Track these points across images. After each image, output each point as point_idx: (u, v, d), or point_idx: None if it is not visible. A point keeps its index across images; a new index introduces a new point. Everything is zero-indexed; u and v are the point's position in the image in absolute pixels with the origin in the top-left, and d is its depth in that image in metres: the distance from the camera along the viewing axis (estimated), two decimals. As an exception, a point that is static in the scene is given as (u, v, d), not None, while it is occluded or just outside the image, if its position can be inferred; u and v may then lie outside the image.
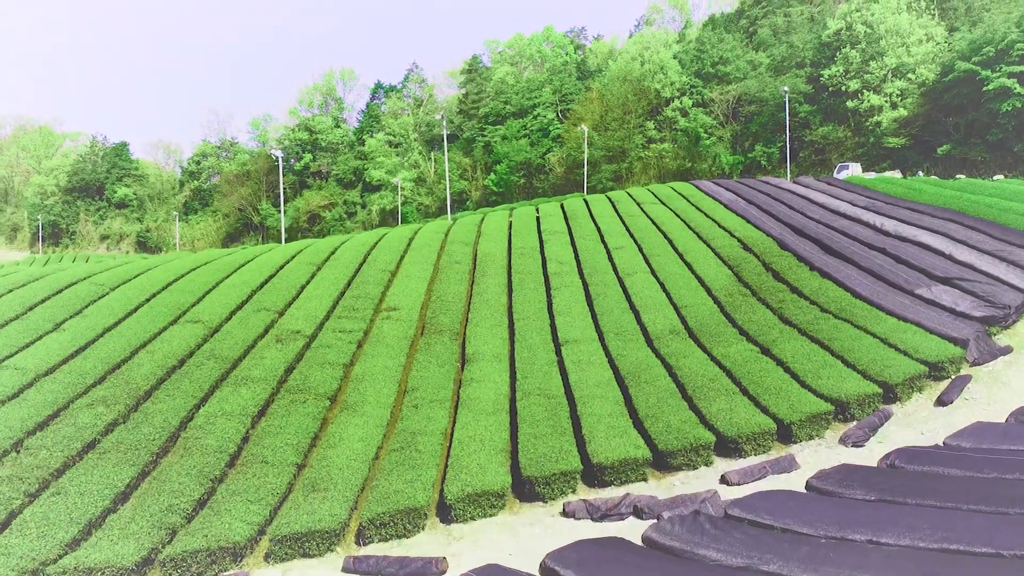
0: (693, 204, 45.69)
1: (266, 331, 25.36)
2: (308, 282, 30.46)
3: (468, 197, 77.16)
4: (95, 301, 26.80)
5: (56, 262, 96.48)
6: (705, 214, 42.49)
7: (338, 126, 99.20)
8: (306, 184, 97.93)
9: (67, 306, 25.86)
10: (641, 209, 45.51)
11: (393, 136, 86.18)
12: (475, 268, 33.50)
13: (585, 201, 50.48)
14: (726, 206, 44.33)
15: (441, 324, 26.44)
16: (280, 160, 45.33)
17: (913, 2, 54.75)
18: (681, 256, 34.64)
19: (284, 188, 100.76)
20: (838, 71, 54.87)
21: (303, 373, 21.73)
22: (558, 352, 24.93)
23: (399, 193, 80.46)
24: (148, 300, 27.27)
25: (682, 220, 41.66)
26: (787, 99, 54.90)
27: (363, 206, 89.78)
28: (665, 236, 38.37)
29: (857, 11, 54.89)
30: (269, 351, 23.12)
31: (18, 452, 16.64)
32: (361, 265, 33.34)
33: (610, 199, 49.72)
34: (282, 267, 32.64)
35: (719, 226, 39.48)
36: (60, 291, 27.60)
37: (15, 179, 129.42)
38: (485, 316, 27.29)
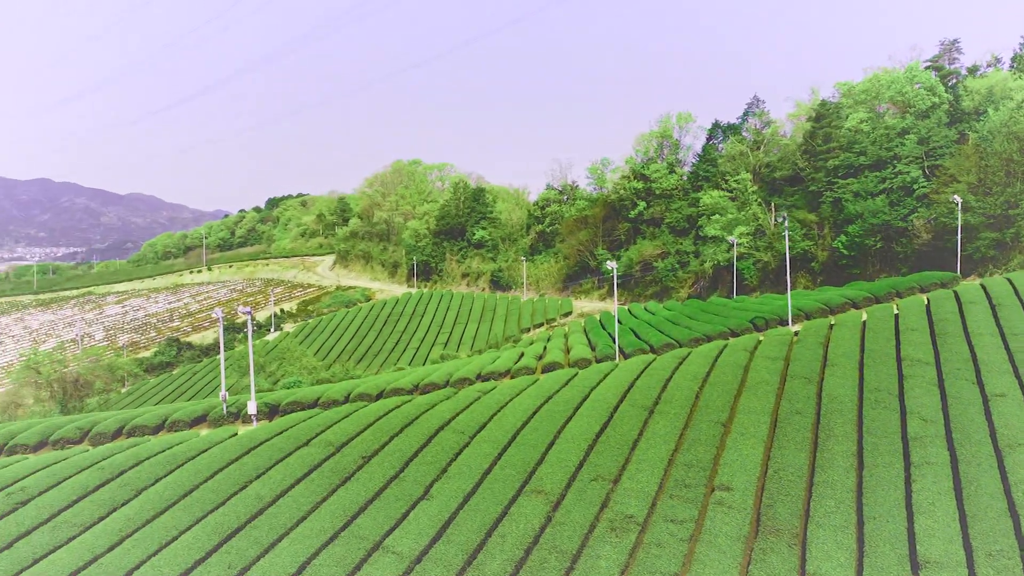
0: (1106, 314, 36.99)
1: (602, 508, 26.24)
2: (639, 437, 30.86)
3: (813, 258, 71.45)
4: (458, 455, 30.24)
5: (427, 299, 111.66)
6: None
7: (672, 171, 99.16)
8: (639, 231, 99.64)
9: (435, 462, 29.55)
10: (1031, 321, 38.04)
11: (731, 192, 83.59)
12: (818, 422, 30.95)
13: (956, 297, 43.73)
14: None
15: (778, 519, 24.89)
16: (615, 270, 46.51)
17: None
18: (1084, 419, 28.19)
19: (619, 236, 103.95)
20: None
21: (636, 587, 22.04)
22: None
23: (734, 248, 77.85)
24: (500, 456, 30.00)
25: (1089, 348, 33.92)
26: None
27: (696, 255, 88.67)
28: (1064, 378, 31.56)
29: None
30: (604, 547, 23.88)
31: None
32: (692, 410, 32.86)
33: (989, 298, 42.37)
34: (616, 409, 33.56)
35: None
36: (431, 439, 31.66)
37: (395, 219, 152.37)
38: (829, 510, 25.04)
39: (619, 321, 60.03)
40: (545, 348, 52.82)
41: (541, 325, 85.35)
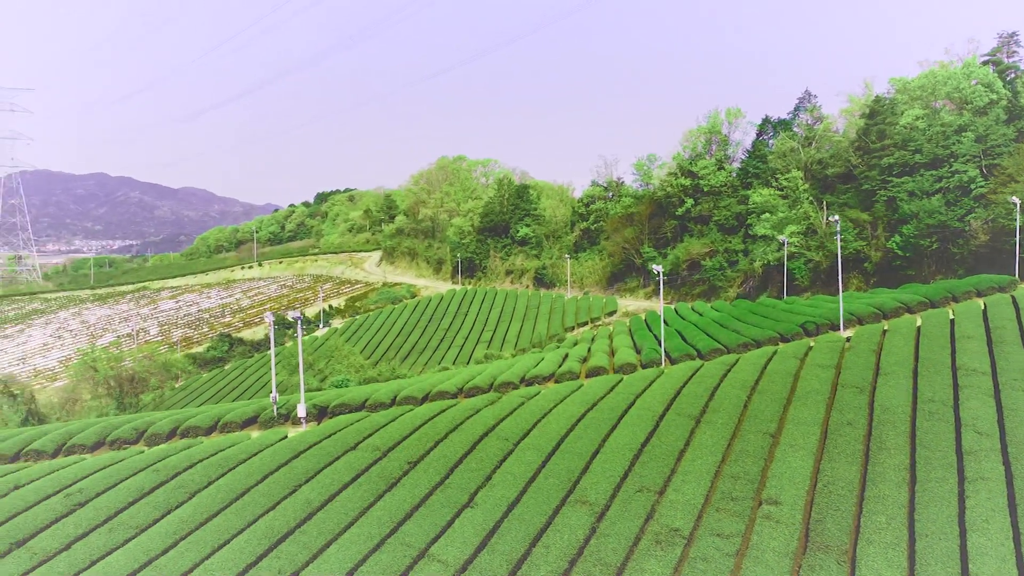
0: None
1: (647, 521, 26.11)
2: (685, 447, 30.60)
3: (866, 258, 69.55)
4: (502, 462, 30.38)
5: (471, 296, 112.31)
6: None
7: (721, 168, 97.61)
8: (687, 229, 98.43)
9: (479, 470, 29.75)
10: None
11: (782, 190, 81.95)
12: (870, 434, 30.27)
13: (1014, 303, 42.31)
14: None
15: (827, 535, 24.46)
16: (661, 274, 46.05)
17: None
18: None
19: (666, 234, 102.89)
20: None
21: (680, 602, 21.89)
22: (969, 596, 21.35)
23: (784, 247, 76.36)
24: (544, 464, 30.07)
25: None
26: None
27: (745, 253, 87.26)
28: None
29: None
30: (649, 561, 23.75)
31: None
32: (740, 420, 32.43)
33: (1050, 304, 40.85)
34: (661, 417, 33.32)
35: None
36: (474, 446, 31.88)
37: (440, 216, 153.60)
38: (880, 526, 24.51)
39: (665, 323, 59.40)
40: (589, 350, 52.60)
41: (585, 324, 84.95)
